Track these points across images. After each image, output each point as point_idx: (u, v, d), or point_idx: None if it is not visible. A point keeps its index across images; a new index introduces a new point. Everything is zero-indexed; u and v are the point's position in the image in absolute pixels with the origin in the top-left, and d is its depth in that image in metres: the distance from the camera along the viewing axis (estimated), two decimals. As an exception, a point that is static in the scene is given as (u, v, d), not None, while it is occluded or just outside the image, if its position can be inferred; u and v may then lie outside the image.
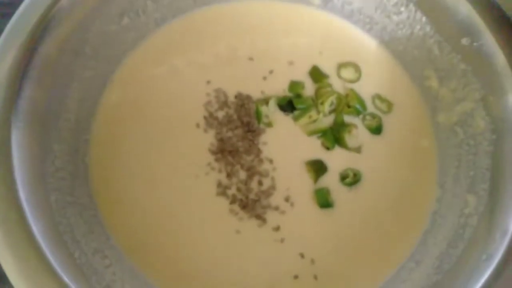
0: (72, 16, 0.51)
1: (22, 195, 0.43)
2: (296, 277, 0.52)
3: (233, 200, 0.54)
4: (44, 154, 0.48)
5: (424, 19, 0.57)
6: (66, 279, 0.42)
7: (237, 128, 0.57)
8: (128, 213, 0.53)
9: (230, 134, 0.57)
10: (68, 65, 0.52)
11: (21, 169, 0.44)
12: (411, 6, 0.57)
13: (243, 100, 0.58)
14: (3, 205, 0.42)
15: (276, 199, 0.55)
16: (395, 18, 0.60)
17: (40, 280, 0.41)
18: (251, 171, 0.55)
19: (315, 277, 0.52)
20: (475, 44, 0.52)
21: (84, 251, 0.47)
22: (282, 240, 0.53)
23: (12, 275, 0.40)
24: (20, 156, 0.45)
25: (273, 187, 0.55)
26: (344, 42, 0.63)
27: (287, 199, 0.55)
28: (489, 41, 0.51)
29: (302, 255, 0.53)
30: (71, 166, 0.52)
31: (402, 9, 0.58)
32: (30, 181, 0.45)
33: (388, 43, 0.62)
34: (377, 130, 0.58)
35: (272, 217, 0.54)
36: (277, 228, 0.53)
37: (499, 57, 0.50)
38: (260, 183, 0.55)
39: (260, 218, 0.54)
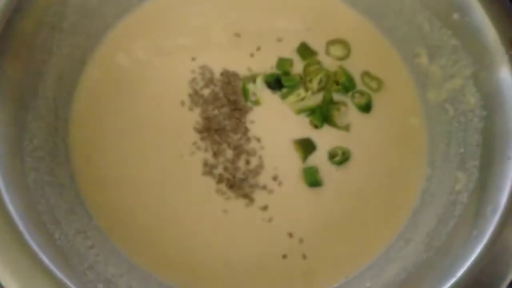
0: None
1: (-2, 173, 0.42)
2: (284, 256, 0.51)
3: (220, 180, 0.53)
4: (22, 133, 0.47)
5: (413, -6, 0.56)
6: (46, 260, 0.41)
7: (224, 106, 0.55)
8: (110, 193, 0.52)
9: (216, 112, 0.55)
10: (45, 41, 0.50)
11: (-3, 147, 0.43)
12: (401, -19, 0.56)
13: (229, 78, 0.57)
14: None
15: (264, 178, 0.54)
16: (384, -7, 0.58)
17: (18, 262, 0.40)
18: (238, 150, 0.54)
19: (304, 257, 0.52)
20: (466, 18, 0.51)
21: (65, 232, 0.46)
22: (270, 220, 0.52)
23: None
24: (-5, 134, 0.43)
25: (260, 166, 0.54)
26: (333, 19, 0.61)
27: (275, 178, 0.54)
28: (480, 15, 0.50)
29: (290, 235, 0.52)
30: (50, 146, 0.50)
31: (392, -16, 0.57)
32: (6, 160, 0.44)
33: (378, 19, 0.61)
34: (366, 107, 0.57)
35: (260, 197, 0.53)
36: (265, 208, 0.53)
37: (490, 31, 0.49)
38: (247, 162, 0.54)
39: (248, 197, 0.53)
